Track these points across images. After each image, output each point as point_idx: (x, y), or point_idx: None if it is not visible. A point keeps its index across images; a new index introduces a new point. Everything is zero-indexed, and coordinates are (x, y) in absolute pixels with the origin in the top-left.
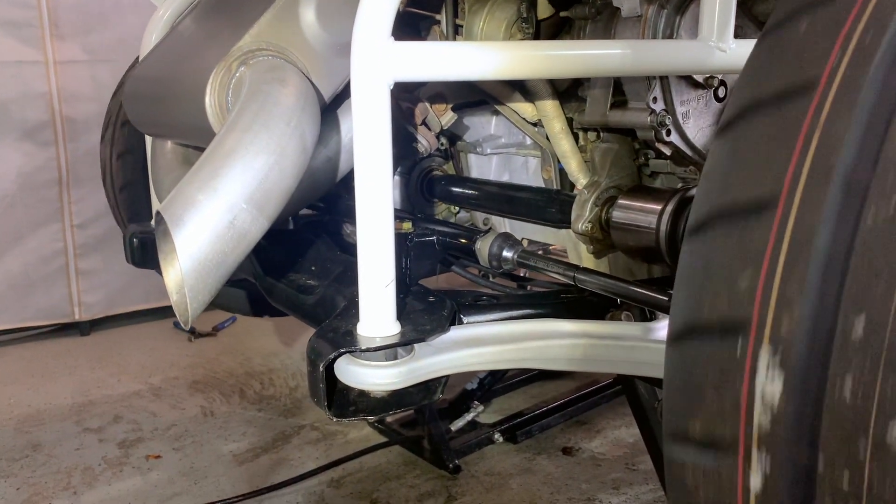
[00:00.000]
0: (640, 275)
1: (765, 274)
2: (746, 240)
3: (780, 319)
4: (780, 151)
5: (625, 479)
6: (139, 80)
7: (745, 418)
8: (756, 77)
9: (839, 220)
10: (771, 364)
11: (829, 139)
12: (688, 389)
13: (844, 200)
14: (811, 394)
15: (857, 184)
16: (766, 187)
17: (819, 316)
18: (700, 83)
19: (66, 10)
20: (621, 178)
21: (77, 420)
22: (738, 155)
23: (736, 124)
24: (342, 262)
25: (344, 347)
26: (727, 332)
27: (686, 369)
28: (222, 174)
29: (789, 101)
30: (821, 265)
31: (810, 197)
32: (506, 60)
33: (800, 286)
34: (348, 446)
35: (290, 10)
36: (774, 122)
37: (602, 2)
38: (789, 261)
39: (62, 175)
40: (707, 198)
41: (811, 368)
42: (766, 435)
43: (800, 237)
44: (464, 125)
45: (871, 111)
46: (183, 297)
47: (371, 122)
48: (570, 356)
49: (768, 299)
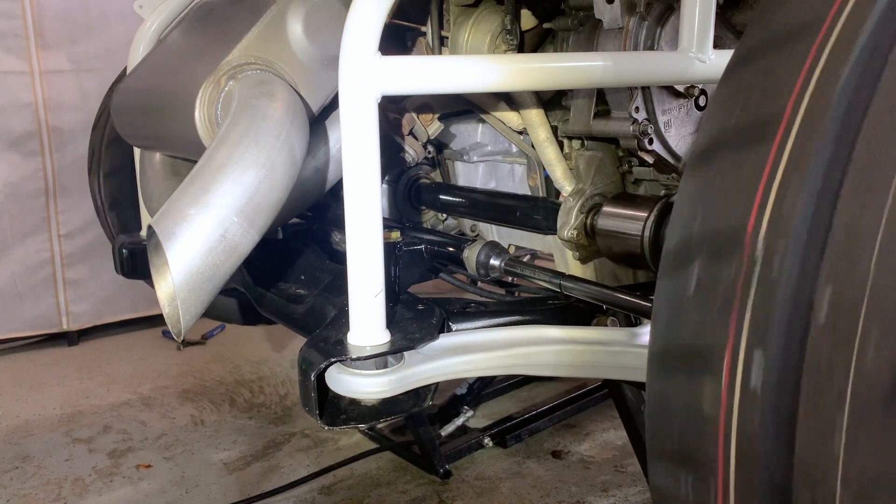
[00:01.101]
0: (625, 280)
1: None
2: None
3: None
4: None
5: (614, 482)
6: (127, 93)
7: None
8: (718, 117)
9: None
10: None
11: (786, 187)
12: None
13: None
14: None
15: (816, 239)
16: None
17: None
18: (681, 93)
19: (51, 20)
20: (605, 185)
21: (66, 430)
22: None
23: (700, 165)
24: (331, 270)
25: (335, 356)
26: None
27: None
28: (213, 188)
29: (751, 143)
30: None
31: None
32: (491, 73)
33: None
34: (339, 453)
35: (278, 24)
36: (738, 162)
37: (584, 14)
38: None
39: (48, 185)
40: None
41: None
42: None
43: (767, 284)
44: (450, 134)
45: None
46: (175, 309)
47: (359, 135)
48: (556, 362)
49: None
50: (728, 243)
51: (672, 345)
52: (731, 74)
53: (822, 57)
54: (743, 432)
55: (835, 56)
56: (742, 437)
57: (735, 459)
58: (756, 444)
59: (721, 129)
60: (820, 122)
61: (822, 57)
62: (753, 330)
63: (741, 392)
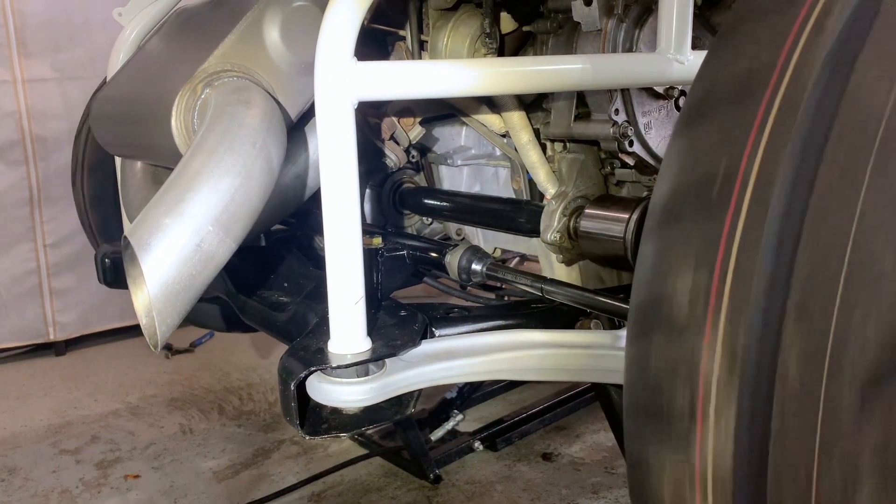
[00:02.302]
0: (610, 281)
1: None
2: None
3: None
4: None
5: (604, 483)
6: (106, 101)
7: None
8: (676, 170)
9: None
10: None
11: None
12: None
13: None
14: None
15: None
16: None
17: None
18: (661, 94)
19: (34, 29)
20: (588, 187)
21: (53, 442)
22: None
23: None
24: (314, 277)
25: (315, 365)
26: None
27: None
28: (188, 198)
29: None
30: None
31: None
32: (468, 78)
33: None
34: (329, 460)
35: (255, 30)
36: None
37: (563, 16)
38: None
39: (33, 194)
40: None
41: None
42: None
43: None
44: (434, 137)
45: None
46: (152, 320)
47: (336, 141)
48: (540, 366)
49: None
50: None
51: (652, 300)
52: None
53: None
54: (722, 386)
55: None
56: (721, 390)
57: (713, 414)
58: (735, 399)
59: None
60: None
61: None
62: (738, 273)
63: (722, 348)
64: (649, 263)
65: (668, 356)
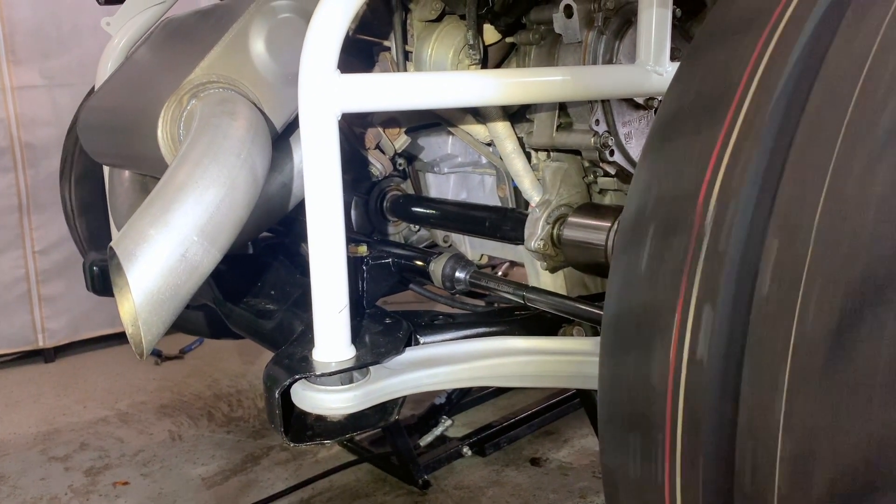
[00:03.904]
0: (594, 288)
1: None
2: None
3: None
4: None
5: (592, 488)
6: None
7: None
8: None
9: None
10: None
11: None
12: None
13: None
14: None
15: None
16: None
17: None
18: (641, 105)
19: (23, 35)
20: (571, 195)
21: (42, 449)
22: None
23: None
24: (302, 285)
25: (299, 373)
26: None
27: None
28: (173, 208)
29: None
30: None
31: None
32: (450, 90)
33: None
34: (318, 466)
35: (241, 42)
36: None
37: (545, 28)
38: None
39: (22, 201)
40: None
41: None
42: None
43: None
44: (419, 146)
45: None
46: (138, 329)
47: (320, 152)
48: (523, 373)
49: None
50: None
51: (624, 310)
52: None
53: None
54: (690, 390)
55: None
56: (689, 394)
57: (682, 416)
58: (702, 400)
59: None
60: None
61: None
62: (703, 288)
63: (689, 354)
64: (618, 284)
65: (636, 373)
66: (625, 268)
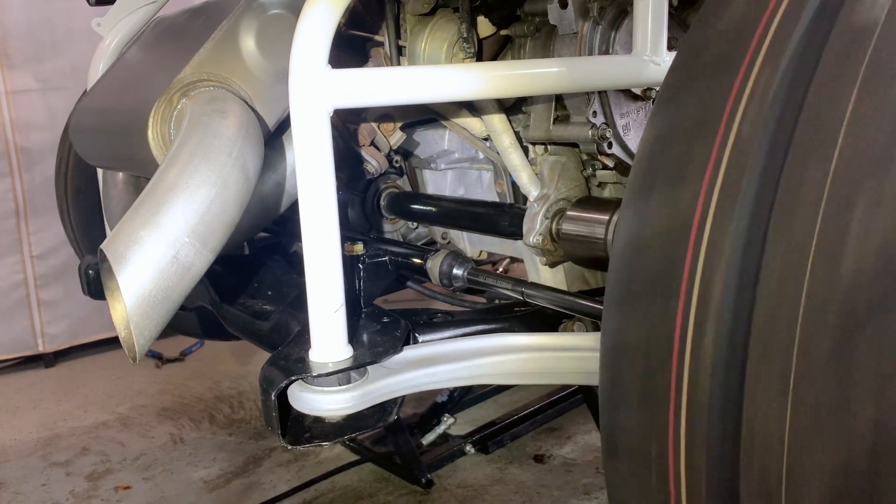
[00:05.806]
0: (595, 283)
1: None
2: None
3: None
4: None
5: (596, 484)
6: (85, 112)
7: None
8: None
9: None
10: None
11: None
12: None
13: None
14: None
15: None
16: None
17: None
18: (639, 96)
19: (16, 39)
20: (570, 189)
21: (43, 454)
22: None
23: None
24: (298, 285)
25: (295, 374)
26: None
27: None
28: (163, 209)
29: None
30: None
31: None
32: (443, 84)
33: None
34: (320, 466)
35: (231, 39)
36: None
37: (540, 19)
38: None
39: (19, 206)
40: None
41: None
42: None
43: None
44: (414, 142)
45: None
46: (129, 333)
47: (312, 149)
48: (523, 370)
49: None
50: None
51: (631, 281)
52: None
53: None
54: (696, 365)
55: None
56: (694, 368)
57: (686, 390)
58: (708, 374)
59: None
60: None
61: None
62: (710, 252)
63: (694, 324)
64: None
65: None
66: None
